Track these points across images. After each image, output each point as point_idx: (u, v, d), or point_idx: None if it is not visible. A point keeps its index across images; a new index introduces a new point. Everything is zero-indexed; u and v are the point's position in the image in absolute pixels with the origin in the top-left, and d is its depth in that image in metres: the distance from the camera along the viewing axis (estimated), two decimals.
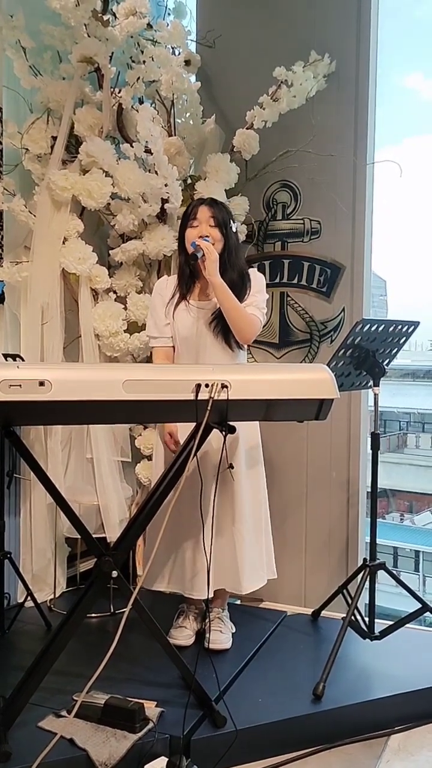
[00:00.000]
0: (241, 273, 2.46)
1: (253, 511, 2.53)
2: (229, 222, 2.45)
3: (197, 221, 2.42)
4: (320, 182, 3.07)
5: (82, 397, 1.75)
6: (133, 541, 2.16)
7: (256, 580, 2.53)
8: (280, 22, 3.15)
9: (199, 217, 2.42)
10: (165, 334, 2.51)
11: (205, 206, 2.43)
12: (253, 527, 2.52)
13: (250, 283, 2.47)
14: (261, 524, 2.58)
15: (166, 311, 2.50)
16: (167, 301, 2.51)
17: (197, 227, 2.41)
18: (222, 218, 2.42)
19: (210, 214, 2.41)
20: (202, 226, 2.40)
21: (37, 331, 2.85)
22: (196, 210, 2.43)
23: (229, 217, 2.47)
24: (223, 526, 2.43)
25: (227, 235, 2.43)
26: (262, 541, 2.58)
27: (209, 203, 2.45)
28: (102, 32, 2.82)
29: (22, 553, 2.93)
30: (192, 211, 2.44)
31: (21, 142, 2.86)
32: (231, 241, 2.45)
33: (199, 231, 2.40)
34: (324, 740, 2.14)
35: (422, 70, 35.40)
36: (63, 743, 1.88)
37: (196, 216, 2.42)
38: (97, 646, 2.06)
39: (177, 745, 1.96)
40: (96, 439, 2.90)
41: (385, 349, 2.58)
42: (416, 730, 2.24)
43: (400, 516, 14.63)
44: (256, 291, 2.48)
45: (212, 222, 2.41)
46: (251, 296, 2.46)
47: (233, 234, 2.48)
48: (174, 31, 3.05)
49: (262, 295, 2.50)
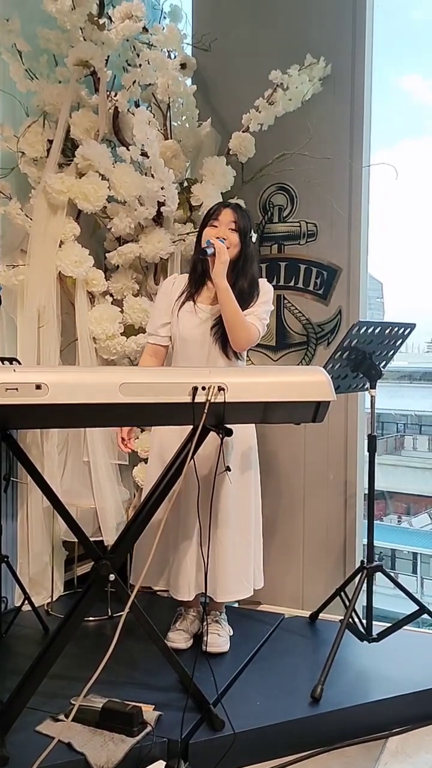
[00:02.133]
0: (252, 283, 2.45)
1: (238, 518, 2.49)
2: (249, 230, 2.45)
3: (218, 222, 2.41)
4: (316, 185, 3.08)
5: (79, 400, 1.74)
6: (131, 545, 2.16)
7: (235, 591, 2.49)
8: (276, 25, 3.16)
9: (221, 219, 2.41)
10: (159, 333, 2.52)
11: (230, 210, 2.43)
12: (238, 535, 2.48)
13: (258, 294, 2.46)
14: (248, 532, 2.52)
15: (170, 310, 2.50)
16: (173, 300, 2.50)
17: (217, 228, 2.41)
18: (243, 225, 2.42)
19: (232, 218, 2.41)
20: (221, 228, 2.40)
21: (33, 335, 2.85)
22: (220, 211, 2.43)
23: (250, 225, 2.47)
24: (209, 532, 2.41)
25: (245, 242, 2.43)
26: (249, 550, 2.53)
27: (233, 207, 2.45)
28: (98, 36, 2.83)
29: (20, 556, 2.92)
30: (215, 212, 2.44)
31: (17, 145, 2.86)
32: (248, 250, 2.44)
33: (218, 232, 2.39)
34: (322, 743, 2.14)
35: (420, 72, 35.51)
36: (61, 747, 1.88)
37: (219, 217, 2.42)
38: (94, 650, 2.06)
39: (175, 749, 1.96)
40: (93, 442, 2.90)
41: (382, 351, 2.58)
42: (414, 732, 2.24)
43: (398, 518, 14.65)
44: (261, 301, 2.46)
45: (233, 226, 2.40)
46: (255, 306, 2.44)
47: (251, 243, 2.47)
48: (170, 34, 3.06)
49: (267, 306, 2.49)
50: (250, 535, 2.54)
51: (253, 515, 2.57)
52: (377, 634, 2.49)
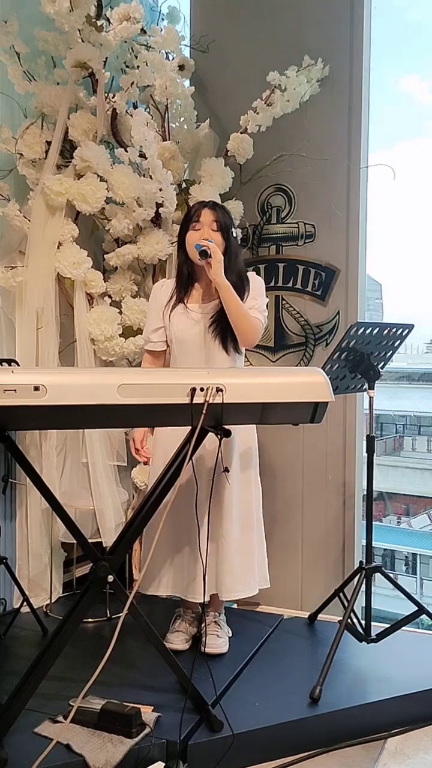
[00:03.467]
0: (240, 277, 2.45)
1: (240, 516, 2.49)
2: (230, 226, 2.44)
3: (200, 224, 2.40)
4: (314, 186, 3.08)
5: (78, 401, 1.75)
6: (129, 546, 2.16)
7: (241, 589, 2.48)
8: (274, 26, 3.17)
9: (202, 220, 2.40)
10: (152, 339, 2.53)
11: (208, 209, 2.41)
12: (241, 534, 2.48)
13: (248, 287, 2.46)
14: (251, 531, 2.53)
15: (162, 315, 2.50)
16: (163, 305, 2.50)
17: (199, 230, 2.39)
18: (224, 222, 2.41)
19: (213, 218, 2.40)
20: (204, 229, 2.39)
21: (32, 336, 2.85)
22: (199, 213, 2.41)
23: (230, 221, 2.46)
24: (212, 532, 2.41)
25: (228, 239, 2.42)
26: (252, 549, 2.53)
27: (212, 206, 2.43)
28: (96, 37, 2.83)
29: (18, 558, 2.92)
30: (195, 214, 2.42)
31: (15, 147, 2.86)
32: (232, 246, 2.44)
33: (201, 234, 2.38)
34: (321, 744, 2.14)
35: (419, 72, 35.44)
36: (59, 749, 1.88)
37: (199, 219, 2.40)
38: (93, 651, 2.06)
39: (174, 750, 1.96)
40: (91, 443, 2.90)
41: (380, 352, 2.58)
42: (413, 733, 2.24)
43: (397, 519, 14.63)
44: (256, 295, 2.46)
45: (215, 226, 2.39)
46: (252, 299, 2.44)
47: (234, 239, 2.47)
48: (168, 36, 3.06)
49: (263, 299, 2.49)
50: (253, 534, 2.54)
51: (255, 514, 2.57)
52: (376, 634, 2.49)
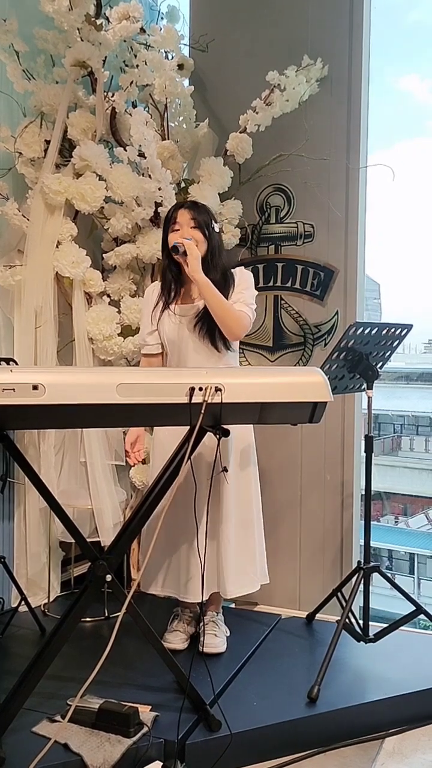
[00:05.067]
0: (224, 273, 2.45)
1: (240, 514, 2.50)
2: (210, 223, 2.44)
3: (178, 225, 2.40)
4: (313, 186, 3.08)
5: (76, 400, 1.74)
6: (128, 545, 2.16)
7: (243, 585, 2.50)
8: (273, 26, 3.17)
9: (180, 221, 2.40)
10: (148, 342, 2.53)
11: (185, 209, 2.42)
12: (241, 530, 2.50)
13: (233, 282, 2.46)
14: (251, 528, 2.54)
15: (152, 318, 2.51)
16: (152, 308, 2.51)
17: (178, 231, 2.40)
18: (203, 220, 2.41)
19: (190, 216, 2.40)
20: (183, 229, 2.39)
21: (30, 335, 2.85)
22: (176, 214, 2.42)
23: (210, 218, 2.45)
24: (212, 530, 2.42)
25: (209, 236, 2.42)
26: (253, 546, 2.54)
27: (189, 206, 2.44)
28: (95, 36, 2.83)
29: (16, 557, 2.92)
30: (172, 216, 2.43)
31: (14, 145, 2.86)
32: (213, 242, 2.43)
33: (181, 234, 2.38)
34: (319, 743, 2.14)
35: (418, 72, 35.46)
36: (57, 748, 1.88)
37: (177, 220, 2.41)
38: (91, 651, 2.06)
39: (172, 750, 1.96)
40: (90, 442, 2.90)
41: (379, 352, 2.58)
42: (411, 732, 2.24)
43: (395, 519, 14.64)
44: (243, 288, 2.46)
45: (193, 224, 2.40)
46: (238, 293, 2.44)
47: (216, 234, 2.46)
48: (167, 35, 3.06)
49: (250, 291, 2.48)
50: (253, 530, 2.55)
51: (255, 512, 2.57)
52: (374, 634, 2.49)
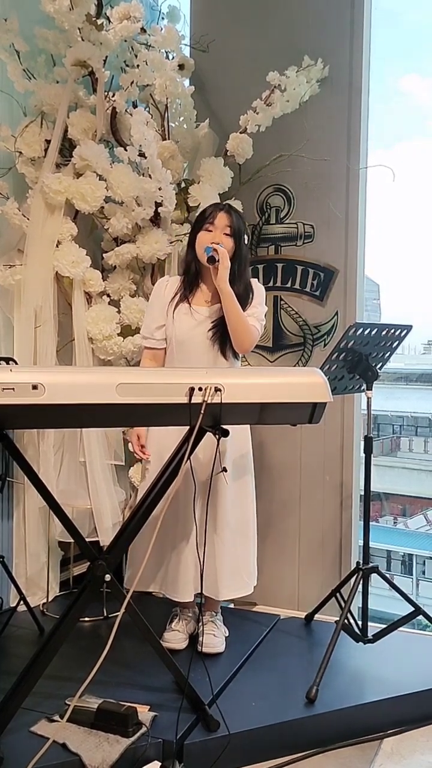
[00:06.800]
0: (247, 286, 2.46)
1: (237, 520, 2.51)
2: (243, 233, 2.44)
3: (213, 226, 2.39)
4: (313, 186, 3.08)
5: (76, 400, 1.74)
6: (126, 545, 2.16)
7: (237, 588, 2.52)
8: (274, 26, 3.16)
9: (216, 223, 2.39)
10: (155, 336, 2.51)
11: (224, 213, 2.41)
12: (237, 536, 2.51)
13: (253, 296, 2.47)
14: (247, 534, 2.56)
15: (166, 311, 2.49)
16: (167, 302, 2.49)
17: (212, 232, 2.39)
18: (238, 228, 2.41)
19: (227, 222, 2.39)
20: (216, 232, 2.38)
21: (30, 335, 2.85)
22: (215, 215, 2.40)
23: (244, 227, 2.46)
24: (208, 531, 2.41)
25: (239, 246, 2.42)
26: (247, 551, 2.56)
27: (228, 210, 2.43)
28: (96, 36, 2.83)
29: (15, 557, 2.92)
30: (210, 215, 2.41)
31: (14, 145, 2.86)
32: (242, 253, 2.43)
33: (213, 236, 2.38)
34: (317, 744, 2.14)
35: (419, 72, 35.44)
36: (55, 748, 1.88)
37: (214, 221, 2.40)
38: (89, 650, 2.05)
39: (170, 750, 1.96)
40: (89, 442, 2.90)
41: (378, 352, 2.59)
42: (409, 733, 2.24)
43: (394, 519, 14.64)
44: (257, 303, 2.47)
45: (228, 231, 2.39)
46: (253, 307, 2.45)
47: (245, 246, 2.46)
48: (168, 35, 3.06)
49: (263, 307, 2.50)
50: (249, 533, 2.56)
51: (250, 518, 2.58)
52: (372, 635, 2.49)
